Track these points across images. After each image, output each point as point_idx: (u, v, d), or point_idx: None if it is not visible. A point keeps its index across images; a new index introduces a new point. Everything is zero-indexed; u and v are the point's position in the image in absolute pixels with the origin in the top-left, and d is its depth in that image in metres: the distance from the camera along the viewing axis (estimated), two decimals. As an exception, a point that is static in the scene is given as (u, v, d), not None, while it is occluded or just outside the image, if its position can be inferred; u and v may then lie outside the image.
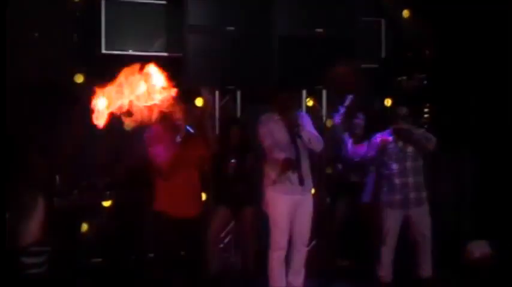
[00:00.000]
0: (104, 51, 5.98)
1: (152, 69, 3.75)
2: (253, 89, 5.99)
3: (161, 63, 6.11)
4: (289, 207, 4.61)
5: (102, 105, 3.59)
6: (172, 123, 4.20)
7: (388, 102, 6.98)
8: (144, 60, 6.05)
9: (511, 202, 4.56)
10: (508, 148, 4.98)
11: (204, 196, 5.74)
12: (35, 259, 3.34)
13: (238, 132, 5.33)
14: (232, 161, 5.28)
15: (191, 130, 4.33)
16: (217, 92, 5.97)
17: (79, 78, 5.85)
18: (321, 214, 5.47)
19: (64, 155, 5.46)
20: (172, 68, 6.04)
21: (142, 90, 3.68)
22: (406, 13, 7.07)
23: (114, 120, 5.95)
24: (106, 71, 6.01)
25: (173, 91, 3.91)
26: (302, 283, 4.78)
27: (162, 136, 4.21)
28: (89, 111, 5.92)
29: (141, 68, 3.75)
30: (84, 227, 5.78)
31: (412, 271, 5.14)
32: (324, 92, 6.31)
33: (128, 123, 3.86)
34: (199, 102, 6.22)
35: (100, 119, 3.61)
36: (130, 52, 6.09)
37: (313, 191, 4.84)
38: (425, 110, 6.59)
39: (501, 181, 5.82)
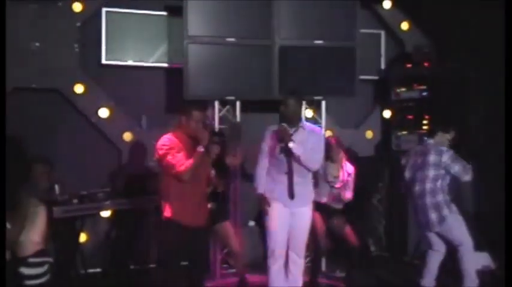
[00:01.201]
0: (104, 61, 6.01)
1: None
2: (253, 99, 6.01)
3: (161, 73, 6.23)
4: (285, 218, 4.58)
5: None
6: (195, 132, 4.22)
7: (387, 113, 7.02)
8: (144, 71, 6.16)
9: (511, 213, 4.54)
10: (509, 157, 4.96)
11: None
12: (36, 269, 3.32)
13: (217, 146, 5.21)
14: (212, 172, 5.21)
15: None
16: (216, 103, 5.98)
17: (79, 88, 5.87)
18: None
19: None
20: (172, 79, 6.12)
21: None
22: (405, 25, 7.13)
23: (115, 130, 6.01)
24: (106, 81, 6.07)
25: None
26: None
27: (182, 145, 4.22)
28: (89, 121, 5.97)
29: None
30: (84, 237, 5.76)
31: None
32: (324, 103, 6.32)
33: None
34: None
35: None
36: (131, 63, 6.12)
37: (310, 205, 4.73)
38: (425, 121, 6.60)
39: (501, 192, 5.80)
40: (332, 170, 5.53)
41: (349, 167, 5.59)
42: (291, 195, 4.53)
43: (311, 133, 4.59)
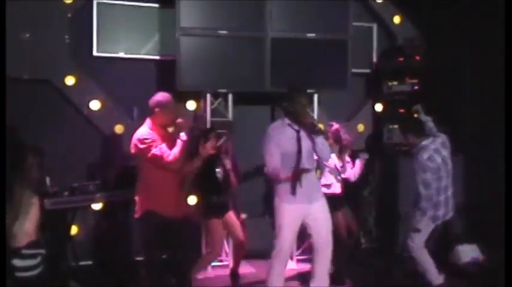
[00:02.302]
0: (95, 53, 5.98)
1: None
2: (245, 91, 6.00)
3: (153, 65, 6.20)
4: (294, 217, 4.51)
5: None
6: (171, 122, 4.24)
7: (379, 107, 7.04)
8: (135, 63, 6.13)
9: (501, 205, 4.58)
10: (498, 151, 5.00)
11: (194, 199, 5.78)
12: (28, 261, 3.30)
13: (215, 141, 5.23)
14: (218, 170, 5.27)
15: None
16: (208, 95, 5.97)
17: (70, 80, 5.83)
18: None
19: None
20: (163, 71, 6.10)
21: None
22: (397, 18, 7.14)
23: (106, 122, 5.99)
24: (98, 73, 6.04)
25: None
26: None
27: (160, 136, 4.23)
28: (80, 113, 5.94)
29: None
30: (75, 229, 5.75)
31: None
32: (316, 96, 6.32)
33: None
34: (190, 105, 6.25)
35: None
36: (122, 54, 6.08)
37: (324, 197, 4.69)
38: (416, 115, 6.62)
39: (491, 184, 5.84)
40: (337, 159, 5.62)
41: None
42: (311, 190, 4.51)
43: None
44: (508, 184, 4.34)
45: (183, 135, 4.18)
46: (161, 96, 4.42)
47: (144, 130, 4.30)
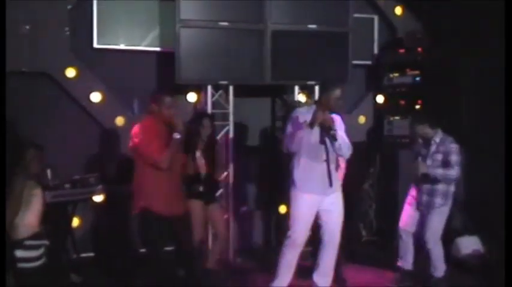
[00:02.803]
0: (95, 45, 5.96)
1: None
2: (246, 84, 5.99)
3: (153, 57, 6.18)
4: (311, 206, 4.54)
5: None
6: (171, 120, 4.19)
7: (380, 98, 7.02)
8: (136, 55, 6.11)
9: (502, 198, 4.58)
10: (498, 145, 4.99)
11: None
12: (31, 252, 3.31)
13: (210, 126, 5.24)
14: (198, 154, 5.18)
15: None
16: (209, 87, 5.95)
17: (71, 72, 5.82)
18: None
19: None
20: (164, 63, 6.08)
21: None
22: (398, 10, 7.11)
23: (107, 115, 5.98)
24: (98, 65, 6.02)
25: None
26: (329, 284, 4.71)
27: (157, 132, 4.19)
28: (80, 105, 5.93)
29: None
30: (76, 221, 5.76)
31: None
32: (317, 88, 6.31)
33: None
34: (191, 97, 6.24)
35: None
36: (122, 47, 6.06)
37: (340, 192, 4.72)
38: (417, 107, 6.61)
39: (492, 177, 5.85)
40: None
41: None
42: (331, 182, 4.53)
43: (336, 120, 4.58)
44: (509, 176, 4.34)
45: (175, 135, 4.14)
46: (160, 92, 4.39)
47: (142, 124, 4.28)
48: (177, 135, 4.11)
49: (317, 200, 4.53)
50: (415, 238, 5.26)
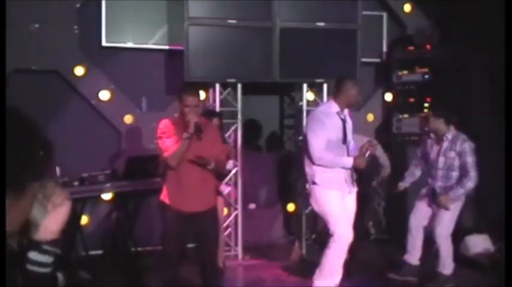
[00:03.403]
0: (104, 43, 5.97)
1: None
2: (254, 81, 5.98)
3: (162, 55, 6.19)
4: (339, 200, 4.56)
5: None
6: (185, 118, 4.16)
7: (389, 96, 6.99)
8: (144, 53, 6.13)
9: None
10: (509, 142, 4.95)
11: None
12: (46, 257, 3.30)
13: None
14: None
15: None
16: (217, 85, 5.95)
17: (79, 70, 5.84)
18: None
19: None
20: (172, 61, 6.09)
21: None
22: (408, 7, 7.07)
23: (115, 113, 6.00)
24: (106, 63, 6.04)
25: None
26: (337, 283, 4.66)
27: (172, 130, 4.18)
28: (89, 103, 5.96)
29: None
30: (85, 219, 5.78)
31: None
32: (325, 86, 6.29)
33: None
34: (202, 94, 6.24)
35: None
36: (131, 45, 6.07)
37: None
38: (426, 104, 6.58)
39: (503, 175, 5.80)
40: None
41: None
42: (352, 181, 4.61)
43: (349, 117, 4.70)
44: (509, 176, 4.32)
45: (185, 134, 4.12)
46: (182, 90, 4.33)
47: (164, 121, 4.27)
48: (185, 135, 4.10)
49: (341, 196, 4.57)
50: (425, 234, 5.23)
